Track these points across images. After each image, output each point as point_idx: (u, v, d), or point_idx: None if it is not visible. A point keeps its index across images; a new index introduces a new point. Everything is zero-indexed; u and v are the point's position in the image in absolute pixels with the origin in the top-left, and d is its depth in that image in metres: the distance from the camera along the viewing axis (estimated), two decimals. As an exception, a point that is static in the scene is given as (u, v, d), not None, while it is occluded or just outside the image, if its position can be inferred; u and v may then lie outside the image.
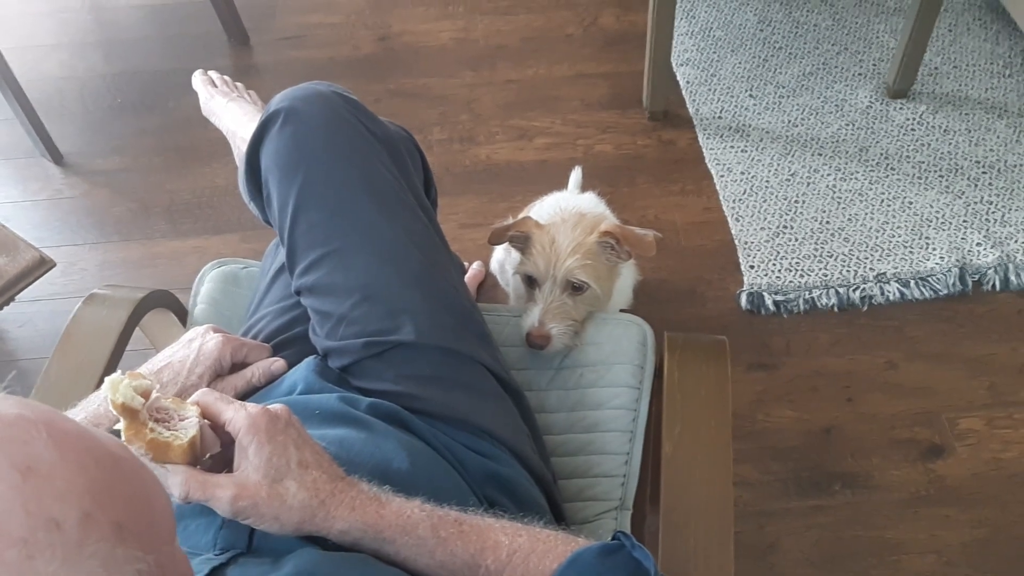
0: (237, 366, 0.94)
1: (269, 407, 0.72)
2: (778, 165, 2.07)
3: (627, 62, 2.36)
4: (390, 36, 2.52)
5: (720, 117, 2.19)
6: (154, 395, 0.71)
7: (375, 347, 0.93)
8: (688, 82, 2.29)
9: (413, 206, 1.02)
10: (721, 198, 2.01)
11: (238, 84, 1.53)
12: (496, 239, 1.22)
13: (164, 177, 2.18)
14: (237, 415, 0.71)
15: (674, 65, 2.33)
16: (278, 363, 0.95)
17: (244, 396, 0.92)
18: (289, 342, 1.02)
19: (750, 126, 2.16)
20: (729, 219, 1.96)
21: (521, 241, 1.19)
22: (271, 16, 2.59)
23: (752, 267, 1.87)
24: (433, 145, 2.19)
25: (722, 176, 2.05)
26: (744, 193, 2.01)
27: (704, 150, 2.12)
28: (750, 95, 2.24)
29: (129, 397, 0.68)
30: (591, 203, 1.40)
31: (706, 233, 1.95)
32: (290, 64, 2.44)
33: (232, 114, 1.41)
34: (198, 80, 1.50)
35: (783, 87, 2.25)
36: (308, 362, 0.94)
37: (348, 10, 2.62)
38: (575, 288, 1.15)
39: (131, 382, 0.69)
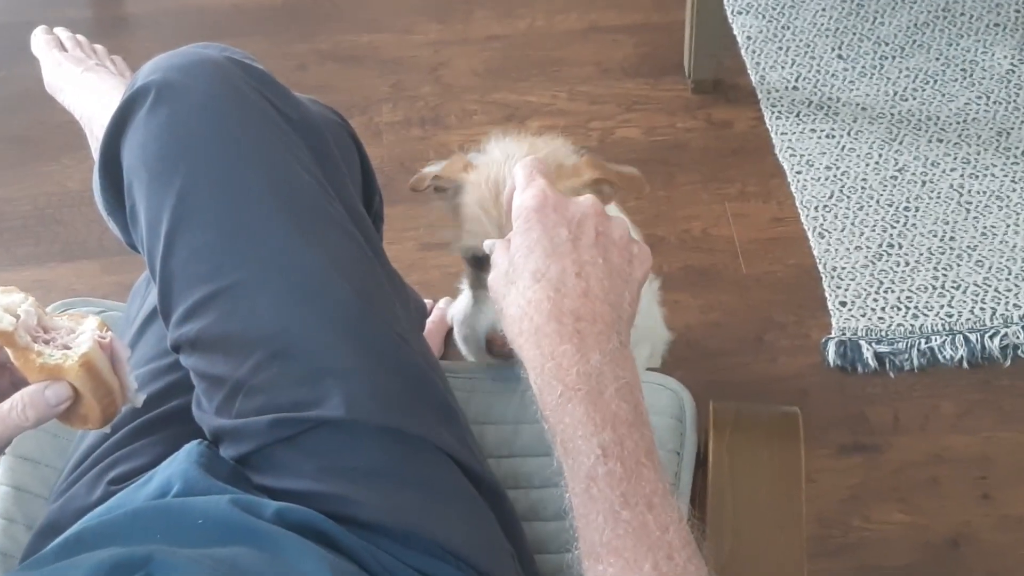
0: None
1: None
2: (880, 156, 2.09)
3: (662, 9, 2.39)
4: (321, -26, 2.55)
5: (796, 87, 2.22)
6: (24, 309, 0.79)
7: (287, 427, 0.93)
8: (749, 38, 2.32)
9: (343, 221, 1.03)
10: (798, 204, 2.03)
11: (97, 47, 1.54)
12: (416, 186, 1.23)
13: (-8, 179, 2.19)
14: (515, 200, 0.85)
15: (729, 13, 2.36)
16: (59, 388, 0.80)
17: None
18: (163, 421, 1.01)
19: (839, 100, 2.19)
20: (810, 234, 1.98)
21: (450, 195, 1.18)
22: (150, -53, 2.62)
23: (843, 304, 1.88)
24: (382, 131, 2.21)
25: (799, 172, 2.07)
26: (831, 197, 2.03)
27: (773, 135, 2.14)
28: (839, 56, 2.27)
29: None
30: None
31: (777, 255, 1.97)
32: (176, 16, 2.47)
33: (88, 90, 1.42)
34: (40, 41, 1.52)
35: (886, 44, 2.28)
36: (189, 450, 0.94)
37: (260, -62, 2.65)
38: None
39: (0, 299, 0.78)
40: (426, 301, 1.83)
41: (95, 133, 1.37)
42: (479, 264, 1.15)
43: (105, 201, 1.09)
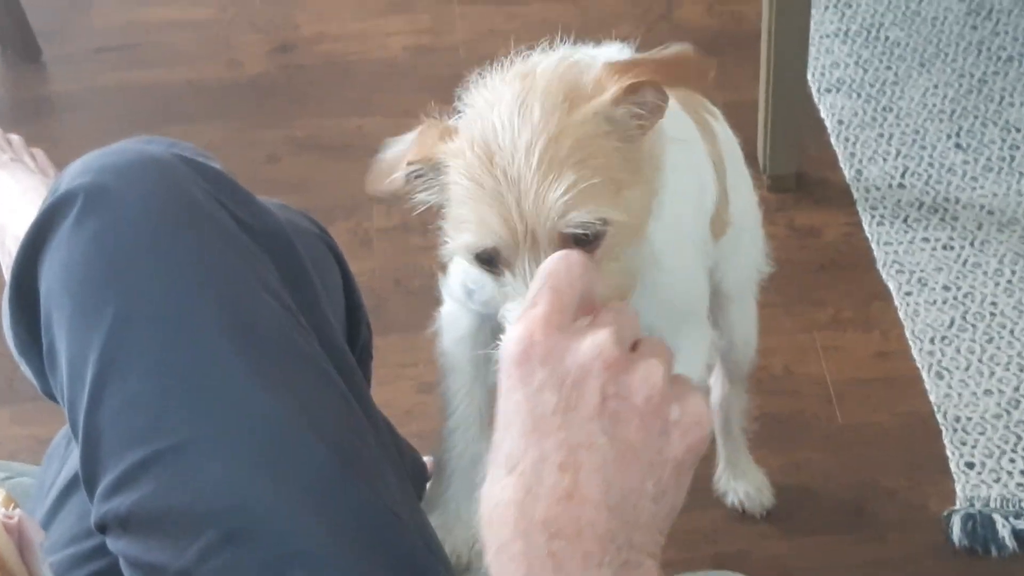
0: None
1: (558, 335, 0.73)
2: (1013, 273, 2.09)
3: (730, 86, 2.41)
4: (297, 43, 2.61)
5: (902, 185, 2.23)
6: None
7: (245, 634, 0.93)
8: (841, 122, 2.34)
9: (319, 360, 1.04)
10: (908, 335, 2.02)
11: (13, 138, 1.57)
12: (378, 182, 1.13)
13: None
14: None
15: (814, 92, 2.40)
16: None
17: None
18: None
19: (958, 201, 2.20)
20: (925, 374, 1.97)
21: (431, 180, 1.08)
22: (83, 10, 2.69)
23: (971, 466, 1.86)
24: (372, 239, 2.22)
25: (909, 294, 2.07)
26: (951, 326, 2.03)
27: (874, 246, 2.15)
28: (957, 144, 2.29)
29: None
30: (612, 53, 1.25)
31: (882, 400, 1.96)
32: (114, 96, 2.52)
33: (0, 193, 1.44)
34: (-59, 130, 1.55)
35: (1017, 130, 2.30)
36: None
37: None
38: (581, 240, 1.01)
39: None
40: (426, 459, 1.82)
41: (7, 247, 1.38)
42: (489, 262, 1.05)
43: (16, 336, 1.09)
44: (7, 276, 1.21)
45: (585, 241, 1.00)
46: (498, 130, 1.01)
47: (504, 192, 1.00)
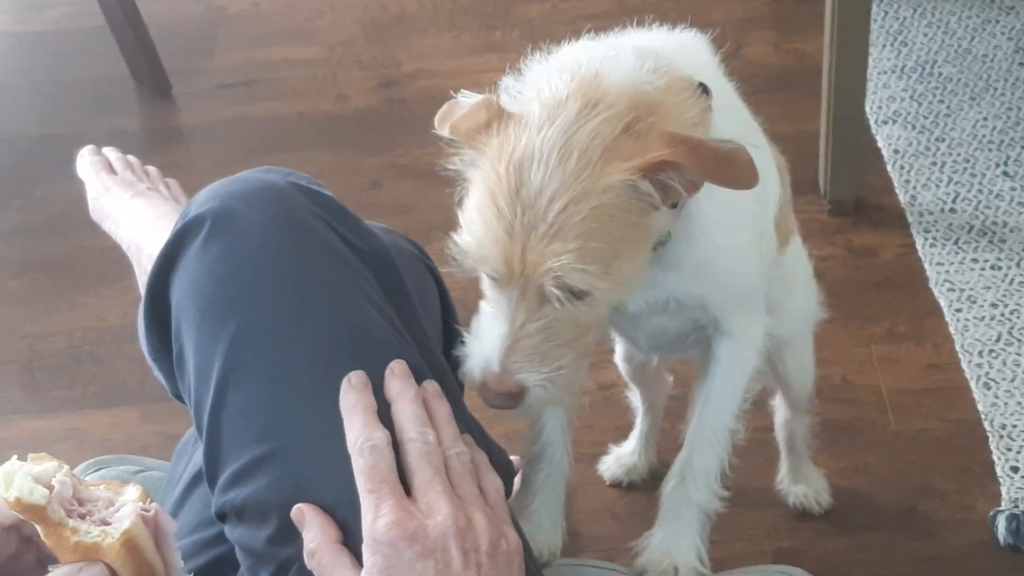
0: None
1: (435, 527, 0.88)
2: (1057, 291, 2.06)
3: (791, 117, 2.41)
4: (399, 80, 2.64)
5: (953, 209, 2.21)
6: (58, 480, 0.82)
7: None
8: (896, 151, 2.33)
9: (420, 369, 1.05)
10: (958, 348, 2.00)
11: (150, 169, 1.60)
12: (439, 124, 1.08)
13: (23, 312, 2.25)
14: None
15: (872, 123, 2.38)
16: (95, 571, 0.86)
17: None
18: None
19: (1006, 225, 2.18)
20: (973, 384, 1.95)
21: (468, 161, 1.05)
22: (208, 51, 2.75)
23: (1016, 470, 1.83)
24: (465, 259, 2.24)
25: (959, 310, 2.05)
26: (998, 340, 2.01)
27: (926, 265, 2.13)
28: (1005, 172, 2.26)
29: (27, 491, 0.80)
30: (682, 53, 1.16)
31: (933, 409, 1.94)
32: (234, 127, 2.56)
33: (138, 217, 1.47)
34: (87, 162, 1.58)
35: (1062, 158, 2.28)
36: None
37: (331, 39, 2.77)
38: (570, 292, 1.02)
39: (31, 468, 0.81)
40: (513, 458, 1.82)
41: (143, 265, 1.41)
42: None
43: (150, 344, 1.12)
44: (142, 290, 1.25)
45: (572, 293, 1.01)
46: (535, 161, 0.97)
47: (516, 233, 0.98)
